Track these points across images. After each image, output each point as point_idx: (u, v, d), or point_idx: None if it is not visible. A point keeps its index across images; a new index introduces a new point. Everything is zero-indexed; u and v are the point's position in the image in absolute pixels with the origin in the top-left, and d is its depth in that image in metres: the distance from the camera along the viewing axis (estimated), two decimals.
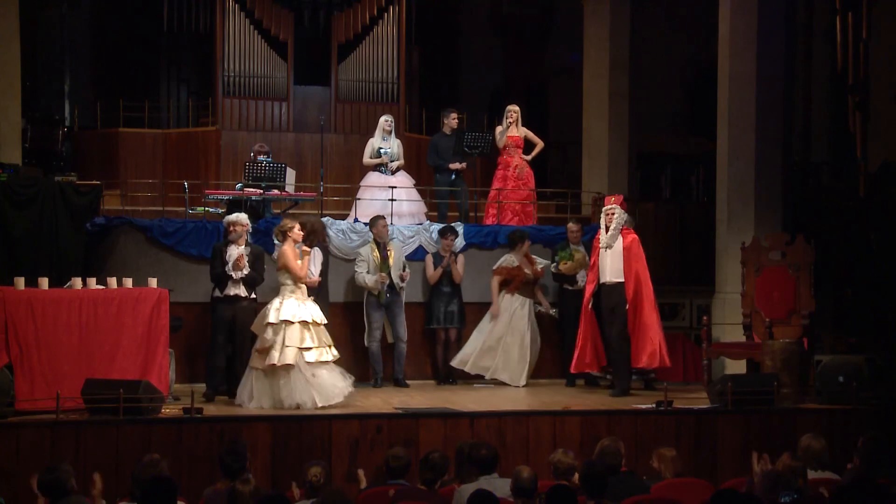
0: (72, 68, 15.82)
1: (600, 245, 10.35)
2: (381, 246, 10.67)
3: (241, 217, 9.73)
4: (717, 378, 9.70)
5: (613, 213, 10.30)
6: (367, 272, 10.62)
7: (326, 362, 9.10)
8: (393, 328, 10.80)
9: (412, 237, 11.31)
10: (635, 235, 10.38)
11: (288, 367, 8.90)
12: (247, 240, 9.67)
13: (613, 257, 10.23)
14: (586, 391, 10.68)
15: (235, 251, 9.51)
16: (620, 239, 10.28)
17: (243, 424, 8.35)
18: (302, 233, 9.43)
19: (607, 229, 10.31)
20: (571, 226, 11.23)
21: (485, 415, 8.81)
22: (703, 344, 10.58)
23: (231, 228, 9.60)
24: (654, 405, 9.15)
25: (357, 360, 10.76)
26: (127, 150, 14.45)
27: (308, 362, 8.96)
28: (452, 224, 11.45)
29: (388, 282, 10.58)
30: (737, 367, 10.72)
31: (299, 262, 9.17)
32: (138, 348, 8.89)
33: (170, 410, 8.56)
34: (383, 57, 14.71)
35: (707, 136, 13.79)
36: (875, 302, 11.46)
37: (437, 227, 11.43)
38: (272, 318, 9.00)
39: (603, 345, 10.41)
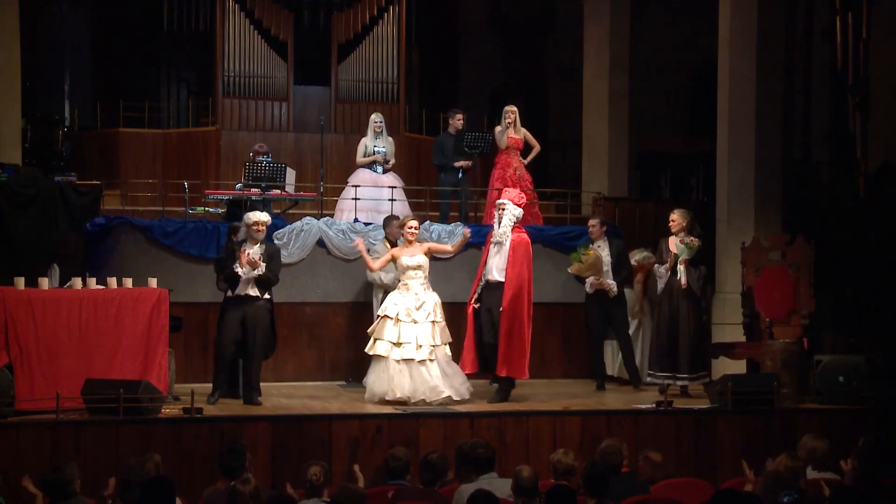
0: (72, 68, 15.83)
1: (492, 241, 9.80)
2: (393, 245, 10.58)
3: (266, 216, 9.52)
4: (717, 378, 9.69)
5: (504, 209, 9.71)
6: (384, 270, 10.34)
7: (423, 361, 9.28)
8: None
9: None
10: (525, 236, 9.80)
11: (378, 359, 9.29)
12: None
13: (501, 256, 9.65)
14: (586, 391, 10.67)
15: (251, 250, 9.25)
16: (510, 237, 9.68)
17: (243, 424, 8.36)
18: (413, 227, 9.72)
19: (500, 225, 9.74)
20: (592, 221, 11.04)
21: (485, 415, 8.82)
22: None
23: (257, 228, 9.28)
24: (654, 405, 9.14)
25: (360, 360, 10.71)
26: (127, 150, 14.44)
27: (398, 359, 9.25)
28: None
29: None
30: (737, 367, 10.71)
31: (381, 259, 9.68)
32: (138, 348, 8.87)
33: (170, 410, 8.56)
34: (383, 57, 14.69)
35: (707, 136, 13.78)
36: (875, 302, 11.43)
37: (437, 227, 11.40)
38: (379, 311, 9.45)
39: (476, 347, 9.65)
